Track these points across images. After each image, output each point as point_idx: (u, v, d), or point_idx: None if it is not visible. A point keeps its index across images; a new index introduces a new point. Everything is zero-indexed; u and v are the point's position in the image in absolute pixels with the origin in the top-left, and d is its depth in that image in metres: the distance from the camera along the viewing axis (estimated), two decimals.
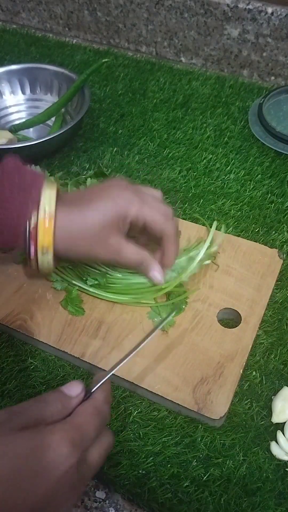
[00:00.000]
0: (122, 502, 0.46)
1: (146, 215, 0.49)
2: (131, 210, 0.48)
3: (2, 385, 0.51)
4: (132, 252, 0.51)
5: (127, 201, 0.48)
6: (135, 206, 0.49)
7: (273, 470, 0.46)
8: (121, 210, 0.48)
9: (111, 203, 0.48)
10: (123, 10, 0.97)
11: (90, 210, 0.48)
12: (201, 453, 0.47)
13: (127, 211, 0.48)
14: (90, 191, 0.51)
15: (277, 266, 0.59)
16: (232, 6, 0.85)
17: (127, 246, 0.51)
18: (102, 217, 0.48)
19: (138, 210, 0.49)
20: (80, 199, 0.49)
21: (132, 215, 0.49)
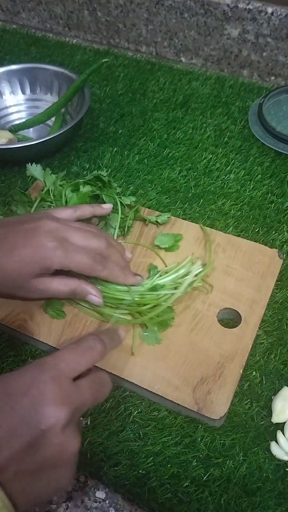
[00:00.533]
0: (122, 502, 0.46)
1: (70, 266, 0.48)
2: (54, 262, 0.47)
3: None
4: (59, 286, 0.50)
5: (50, 254, 0.47)
6: (58, 257, 0.47)
7: (273, 470, 0.46)
8: (43, 262, 0.47)
9: (32, 253, 0.47)
10: (123, 10, 0.97)
11: (11, 259, 0.47)
12: (201, 453, 0.47)
13: (50, 264, 0.47)
14: (15, 234, 0.48)
15: (277, 266, 0.59)
16: (232, 6, 0.85)
17: (53, 282, 0.49)
18: (22, 267, 0.47)
19: (61, 262, 0.48)
20: (3, 240, 0.48)
21: (56, 266, 0.48)
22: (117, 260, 0.53)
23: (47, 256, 0.47)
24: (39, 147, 0.71)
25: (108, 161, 0.76)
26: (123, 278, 0.53)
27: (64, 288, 0.50)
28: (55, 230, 0.49)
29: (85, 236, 0.50)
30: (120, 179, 0.73)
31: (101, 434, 0.48)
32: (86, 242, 0.50)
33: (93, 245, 0.50)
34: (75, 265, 0.49)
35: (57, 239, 0.48)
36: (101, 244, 0.51)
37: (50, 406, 0.35)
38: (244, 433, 0.48)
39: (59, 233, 0.49)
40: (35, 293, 0.49)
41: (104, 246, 0.51)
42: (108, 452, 0.47)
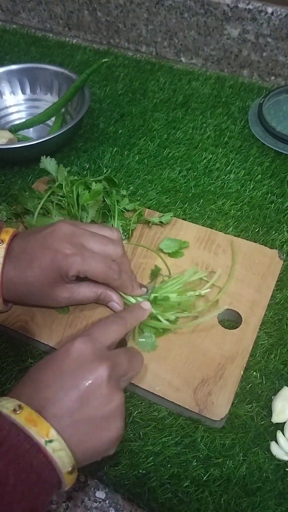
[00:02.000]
0: (122, 502, 0.46)
1: (87, 272, 0.49)
2: (71, 267, 0.48)
3: (2, 385, 0.52)
4: (85, 292, 0.52)
5: (66, 260, 0.48)
6: (74, 264, 0.48)
7: (273, 470, 0.46)
8: (61, 268, 0.48)
9: (50, 262, 0.48)
10: (123, 10, 0.97)
11: (30, 270, 0.49)
12: (201, 453, 0.47)
13: (67, 269, 0.48)
14: (33, 243, 0.50)
15: (277, 266, 0.59)
16: (232, 6, 0.85)
17: (80, 288, 0.52)
18: (43, 277, 0.49)
19: (78, 268, 0.48)
20: (23, 253, 0.50)
21: (72, 273, 0.48)
22: (127, 269, 0.54)
23: (64, 264, 0.48)
24: (39, 147, 0.71)
25: (108, 161, 0.76)
26: (130, 289, 0.54)
27: (89, 294, 0.52)
28: (71, 235, 0.49)
29: (101, 241, 0.51)
30: (120, 179, 0.73)
31: None
32: (102, 247, 0.50)
33: (109, 251, 0.51)
34: (91, 272, 0.49)
35: (73, 245, 0.49)
36: (117, 250, 0.51)
37: (92, 363, 0.40)
38: (244, 433, 0.48)
39: (75, 238, 0.49)
40: (62, 300, 0.52)
41: (120, 253, 0.52)
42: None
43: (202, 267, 0.59)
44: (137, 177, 0.73)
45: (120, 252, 0.52)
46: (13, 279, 0.49)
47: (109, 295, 0.53)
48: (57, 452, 0.36)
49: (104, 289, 0.53)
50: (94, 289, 0.52)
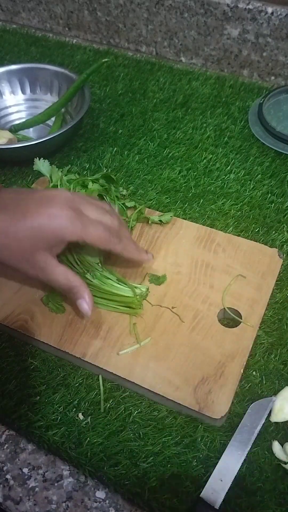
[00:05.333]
0: (122, 502, 0.46)
1: (86, 238, 0.48)
2: (69, 234, 0.46)
3: (2, 385, 0.51)
4: (60, 275, 0.49)
5: (66, 224, 0.46)
6: (74, 230, 0.46)
7: (273, 470, 0.46)
8: (58, 233, 0.46)
9: (47, 222, 0.46)
10: (123, 10, 0.97)
11: (23, 224, 0.46)
12: (201, 453, 0.47)
13: (64, 235, 0.46)
14: (29, 199, 0.47)
15: (277, 265, 0.59)
16: (232, 6, 0.85)
17: (56, 268, 0.48)
18: (35, 235, 0.46)
19: (78, 234, 0.47)
20: (16, 206, 0.47)
21: (70, 239, 0.47)
22: (128, 237, 0.53)
23: (63, 226, 0.46)
24: (39, 147, 0.71)
25: (108, 161, 0.76)
26: (137, 253, 0.53)
27: (62, 280, 0.49)
28: (71, 201, 0.48)
29: (99, 211, 0.50)
30: (120, 179, 0.73)
31: (101, 434, 0.48)
32: (100, 216, 0.50)
33: (107, 221, 0.50)
34: (91, 237, 0.48)
35: (73, 210, 0.47)
36: (114, 221, 0.51)
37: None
38: None
39: (75, 204, 0.48)
40: (35, 270, 0.48)
41: (117, 223, 0.51)
42: (108, 452, 0.47)
43: (202, 266, 0.59)
44: (137, 177, 0.73)
45: (117, 222, 0.51)
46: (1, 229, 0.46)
47: (81, 292, 0.50)
48: None
49: (81, 283, 0.50)
50: (70, 277, 0.49)
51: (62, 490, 0.47)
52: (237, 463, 0.45)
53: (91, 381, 0.52)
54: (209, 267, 0.59)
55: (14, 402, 0.50)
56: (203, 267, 0.59)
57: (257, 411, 0.48)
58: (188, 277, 0.58)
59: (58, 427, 0.48)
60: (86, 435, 0.48)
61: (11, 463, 0.48)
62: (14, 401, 0.50)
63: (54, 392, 0.51)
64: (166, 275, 0.58)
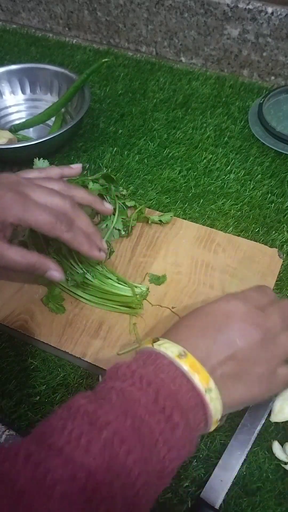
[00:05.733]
0: None
1: (29, 221, 0.45)
2: (10, 215, 0.45)
3: (2, 385, 0.51)
4: (16, 255, 0.47)
5: (6, 206, 0.45)
6: (15, 211, 0.45)
7: (273, 470, 0.46)
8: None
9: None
10: (123, 10, 0.97)
11: None
12: (201, 453, 0.47)
13: (4, 216, 0.45)
14: None
15: (277, 265, 0.59)
16: (232, 6, 0.85)
17: (10, 250, 0.47)
18: None
19: (19, 215, 0.45)
20: None
21: (12, 221, 0.45)
22: (84, 225, 0.49)
23: (3, 208, 0.45)
24: (39, 147, 0.71)
25: (108, 161, 0.76)
26: (87, 247, 0.49)
27: (20, 259, 0.47)
28: (16, 184, 0.47)
29: (48, 192, 0.47)
30: (120, 179, 0.73)
31: None
32: (48, 198, 0.47)
33: (56, 203, 0.47)
34: (34, 221, 0.45)
35: (16, 192, 0.46)
36: (66, 203, 0.48)
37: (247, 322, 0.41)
38: None
39: (19, 187, 0.46)
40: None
41: (69, 206, 0.48)
42: None
43: (202, 266, 0.59)
44: (137, 177, 0.73)
45: (69, 204, 0.48)
46: None
47: (44, 263, 0.48)
48: (213, 402, 0.38)
49: (38, 257, 0.48)
50: (25, 255, 0.47)
51: None
52: (237, 463, 0.45)
53: (91, 381, 0.52)
54: (209, 267, 0.59)
55: (14, 402, 0.50)
56: (203, 267, 0.59)
57: (257, 411, 0.48)
58: (188, 277, 0.58)
59: None
60: None
61: None
62: (14, 401, 0.50)
63: (54, 392, 0.51)
64: (166, 275, 0.58)
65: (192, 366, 0.38)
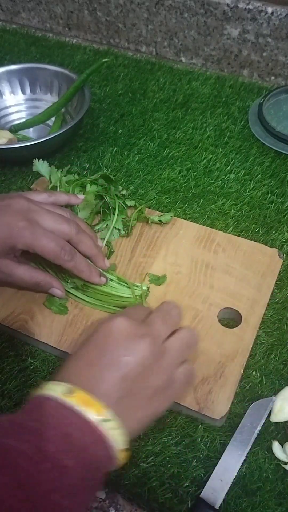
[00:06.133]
0: (122, 502, 0.46)
1: (36, 248, 0.49)
2: (19, 242, 0.48)
3: (2, 385, 0.51)
4: (24, 274, 0.51)
5: (16, 232, 0.48)
6: (24, 238, 0.48)
7: (273, 470, 0.46)
8: (8, 240, 0.48)
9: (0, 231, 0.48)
10: (123, 10, 0.97)
11: None
12: (201, 453, 0.47)
13: (15, 243, 0.48)
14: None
15: (277, 265, 0.59)
16: (232, 6, 0.85)
17: (18, 269, 0.51)
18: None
19: (27, 242, 0.48)
20: None
21: (21, 247, 0.49)
22: (87, 248, 0.53)
23: (13, 235, 0.48)
24: (39, 147, 0.71)
25: (108, 161, 0.76)
26: (87, 274, 0.53)
27: (28, 279, 0.52)
28: (26, 210, 0.49)
29: (55, 219, 0.50)
30: (120, 179, 0.73)
31: None
32: (56, 225, 0.50)
33: (63, 229, 0.51)
34: (40, 248, 0.49)
35: (26, 219, 0.48)
36: (71, 229, 0.51)
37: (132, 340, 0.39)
38: None
39: (29, 213, 0.49)
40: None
41: (75, 232, 0.51)
42: None
43: (202, 266, 0.59)
44: (137, 177, 0.73)
45: (74, 230, 0.51)
46: None
47: (49, 282, 0.53)
48: (113, 431, 0.36)
49: (44, 277, 0.53)
50: (33, 274, 0.52)
51: None
52: (237, 463, 0.45)
53: None
54: (209, 267, 0.59)
55: (14, 402, 0.50)
56: (203, 267, 0.59)
57: (257, 411, 0.48)
58: (188, 277, 0.58)
59: None
60: None
61: None
62: (14, 401, 0.50)
63: None
64: (166, 275, 0.58)
65: (81, 400, 0.35)
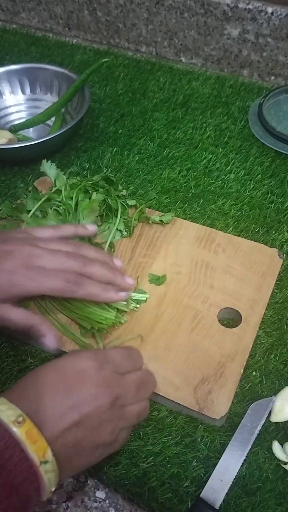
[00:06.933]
0: (122, 502, 0.46)
1: (41, 291, 0.48)
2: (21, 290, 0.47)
3: (2, 385, 0.51)
4: (18, 317, 0.49)
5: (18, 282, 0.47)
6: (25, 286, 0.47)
7: (273, 470, 0.46)
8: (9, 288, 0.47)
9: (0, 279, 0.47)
10: (123, 10, 0.97)
11: None
12: (201, 453, 0.47)
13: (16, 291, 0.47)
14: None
15: (277, 265, 0.59)
16: (232, 6, 0.85)
17: (12, 311, 0.49)
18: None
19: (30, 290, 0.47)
20: None
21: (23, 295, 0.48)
22: (100, 277, 0.51)
23: (15, 284, 0.47)
24: (39, 147, 0.71)
25: (108, 161, 0.76)
26: (102, 297, 0.51)
27: (21, 321, 0.49)
28: (29, 256, 0.48)
29: (61, 260, 0.49)
30: (120, 179, 0.73)
31: None
32: (62, 266, 0.49)
33: (70, 268, 0.49)
34: (46, 290, 0.48)
35: (29, 267, 0.48)
36: (78, 265, 0.50)
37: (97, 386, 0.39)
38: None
39: (32, 260, 0.48)
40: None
41: (82, 266, 0.50)
42: None
43: (202, 266, 0.59)
44: (137, 177, 0.73)
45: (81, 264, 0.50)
46: None
47: (42, 331, 0.49)
48: (48, 474, 0.34)
49: (36, 324, 0.49)
50: (25, 318, 0.49)
51: (62, 490, 0.47)
52: (237, 463, 0.45)
53: None
54: (209, 267, 0.59)
55: None
56: (203, 267, 0.59)
57: (257, 411, 0.48)
58: (188, 277, 0.58)
59: None
60: None
61: None
62: None
63: None
64: (166, 275, 0.58)
65: (29, 434, 0.34)
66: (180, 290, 0.57)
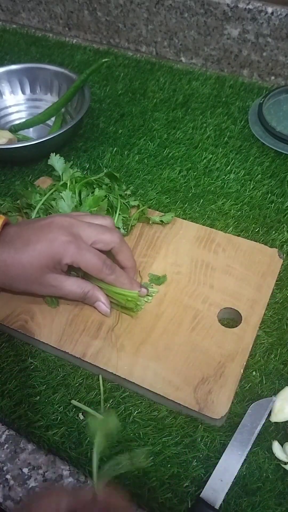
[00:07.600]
0: None
1: (80, 263, 0.51)
2: (65, 256, 0.50)
3: (2, 385, 0.51)
4: (72, 286, 0.53)
5: (62, 247, 0.50)
6: (69, 252, 0.50)
7: (273, 470, 0.46)
8: (55, 255, 0.50)
9: (46, 247, 0.50)
10: (123, 10, 0.97)
11: (26, 253, 0.50)
12: (201, 453, 0.47)
13: (61, 257, 0.50)
14: (30, 230, 0.52)
15: (277, 265, 0.59)
16: (232, 6, 0.85)
17: (67, 282, 0.53)
18: (37, 260, 0.50)
19: (73, 257, 0.50)
20: (18, 238, 0.51)
21: (66, 261, 0.51)
22: (126, 258, 0.55)
23: (60, 251, 0.50)
24: (39, 147, 0.71)
25: (108, 161, 0.76)
26: (129, 285, 0.54)
27: (76, 289, 0.53)
28: (69, 226, 0.51)
29: (98, 230, 0.52)
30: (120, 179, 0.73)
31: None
32: (99, 236, 0.52)
33: (106, 239, 0.52)
34: (84, 264, 0.51)
35: (70, 234, 0.50)
36: (114, 238, 0.53)
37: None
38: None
39: (72, 228, 0.51)
40: (48, 289, 0.53)
41: (118, 240, 0.53)
42: (108, 452, 0.47)
43: (202, 266, 0.59)
44: (137, 177, 0.73)
45: (118, 239, 0.53)
46: (6, 261, 0.50)
47: (96, 295, 0.54)
48: None
49: (92, 288, 0.54)
50: (82, 285, 0.53)
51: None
52: (237, 463, 0.45)
53: (91, 381, 0.52)
54: (209, 267, 0.59)
55: (14, 402, 0.50)
56: (203, 267, 0.59)
57: (257, 411, 0.48)
58: (188, 277, 0.58)
59: (58, 427, 0.48)
60: (86, 435, 0.48)
61: (11, 463, 0.48)
62: (14, 401, 0.50)
63: (54, 392, 0.51)
64: (166, 275, 0.58)
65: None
66: (180, 290, 0.57)
